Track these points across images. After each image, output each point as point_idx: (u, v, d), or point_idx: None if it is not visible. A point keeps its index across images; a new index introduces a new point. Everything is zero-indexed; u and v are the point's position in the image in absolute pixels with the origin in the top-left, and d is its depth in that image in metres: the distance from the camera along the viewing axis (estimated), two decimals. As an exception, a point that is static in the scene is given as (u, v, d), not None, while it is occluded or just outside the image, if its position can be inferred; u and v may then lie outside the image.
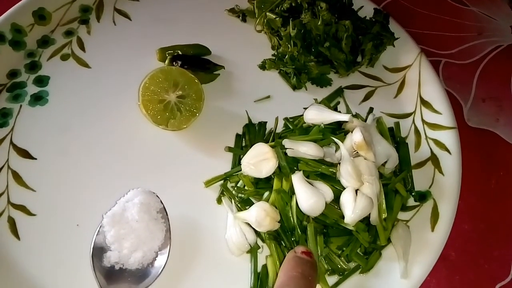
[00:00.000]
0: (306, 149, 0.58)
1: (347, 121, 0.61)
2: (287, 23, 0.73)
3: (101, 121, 0.69)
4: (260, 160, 0.58)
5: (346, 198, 0.55)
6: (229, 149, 0.65)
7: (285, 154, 0.59)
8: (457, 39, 0.85)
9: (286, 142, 0.59)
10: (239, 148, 0.66)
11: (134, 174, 0.64)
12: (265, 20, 0.76)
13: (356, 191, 0.55)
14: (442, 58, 0.82)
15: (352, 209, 0.54)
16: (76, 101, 0.71)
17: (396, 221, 0.60)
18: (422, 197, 0.63)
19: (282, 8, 0.76)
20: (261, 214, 0.55)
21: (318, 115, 0.63)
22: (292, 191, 0.57)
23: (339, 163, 0.58)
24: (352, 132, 0.60)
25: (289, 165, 0.58)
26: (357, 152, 0.59)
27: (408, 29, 0.79)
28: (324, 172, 0.58)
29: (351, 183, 0.56)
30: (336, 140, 0.59)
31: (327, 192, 0.56)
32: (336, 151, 0.60)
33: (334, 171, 0.58)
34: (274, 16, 0.74)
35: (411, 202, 0.63)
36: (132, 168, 0.65)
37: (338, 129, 0.63)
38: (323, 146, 0.60)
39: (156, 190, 0.59)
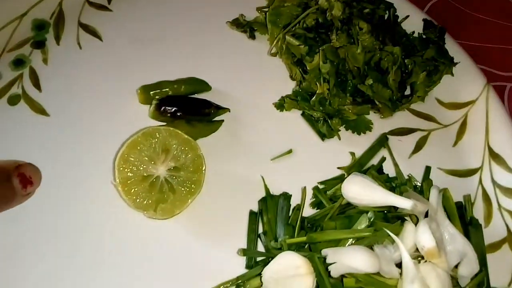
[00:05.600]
0: (357, 265, 0.40)
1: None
2: (314, 48, 0.54)
3: (66, 199, 0.50)
4: (289, 276, 0.41)
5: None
6: (244, 252, 0.47)
7: (326, 269, 0.41)
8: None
9: (327, 254, 0.41)
10: (254, 234, 0.48)
11: (112, 268, 0.47)
12: (283, 45, 0.56)
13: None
14: (507, 83, 0.64)
15: None
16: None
17: None
18: (504, 302, 0.47)
19: (305, 25, 0.56)
20: None
21: (365, 195, 0.45)
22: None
23: (400, 273, 0.41)
24: (411, 220, 0.44)
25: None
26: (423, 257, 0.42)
27: (459, 41, 0.60)
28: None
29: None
30: (397, 240, 0.42)
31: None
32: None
33: (394, 284, 0.41)
34: (296, 42, 0.54)
35: (488, 308, 0.47)
36: (109, 261, 0.47)
37: (390, 211, 0.46)
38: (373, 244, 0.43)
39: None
